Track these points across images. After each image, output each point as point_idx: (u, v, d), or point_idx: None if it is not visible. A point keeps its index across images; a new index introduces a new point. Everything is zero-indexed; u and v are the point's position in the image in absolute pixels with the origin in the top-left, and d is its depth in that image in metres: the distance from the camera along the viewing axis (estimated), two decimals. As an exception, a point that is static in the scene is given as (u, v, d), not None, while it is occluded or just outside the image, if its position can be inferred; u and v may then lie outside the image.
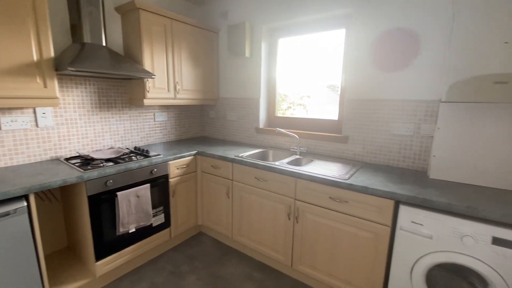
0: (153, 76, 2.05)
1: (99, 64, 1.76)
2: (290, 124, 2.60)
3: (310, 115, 2.58)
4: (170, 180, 2.16)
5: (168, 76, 2.36)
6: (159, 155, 2.11)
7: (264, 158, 2.43)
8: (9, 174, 1.58)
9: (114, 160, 1.91)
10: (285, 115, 2.74)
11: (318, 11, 2.15)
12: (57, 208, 2.03)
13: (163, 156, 2.11)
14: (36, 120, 1.86)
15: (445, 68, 1.44)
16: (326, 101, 2.46)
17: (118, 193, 1.77)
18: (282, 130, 2.31)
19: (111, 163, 1.85)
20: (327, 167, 1.97)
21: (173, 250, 2.31)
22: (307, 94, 2.63)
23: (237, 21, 2.65)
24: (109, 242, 1.80)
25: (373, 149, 2.03)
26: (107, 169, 1.74)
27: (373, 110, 1.99)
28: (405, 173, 1.76)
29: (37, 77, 1.58)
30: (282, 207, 1.90)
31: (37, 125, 1.87)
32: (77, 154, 2.05)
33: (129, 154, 2.10)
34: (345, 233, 1.63)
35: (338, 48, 2.22)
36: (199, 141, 2.86)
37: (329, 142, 2.24)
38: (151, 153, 2.14)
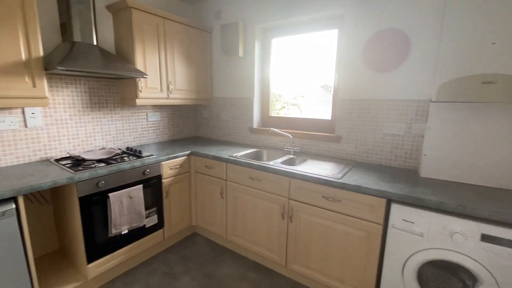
0: (146, 76, 2.03)
1: (90, 64, 1.73)
2: (284, 124, 2.61)
3: (304, 115, 2.59)
4: (163, 181, 2.14)
5: (161, 76, 2.34)
6: (152, 156, 2.10)
7: (258, 158, 2.44)
8: (-3, 176, 1.54)
9: (106, 161, 1.89)
10: (279, 115, 2.75)
11: (311, 12, 2.16)
12: (48, 210, 1.99)
13: (156, 157, 2.09)
14: (25, 121, 1.83)
15: (435, 69, 1.47)
16: (320, 101, 2.47)
17: (110, 194, 1.75)
18: (276, 130, 2.31)
19: (103, 164, 1.82)
20: (321, 167, 1.98)
21: (167, 251, 2.29)
22: (301, 94, 2.65)
23: (230, 21, 2.64)
24: (101, 244, 1.78)
25: (366, 149, 2.05)
26: (99, 170, 1.71)
27: (366, 110, 2.01)
28: (397, 172, 1.79)
29: (26, 77, 1.55)
30: (276, 207, 1.90)
31: (26, 126, 1.83)
32: (68, 155, 2.01)
33: (121, 155, 2.08)
34: (338, 232, 1.64)
35: (331, 49, 2.24)
36: (193, 141, 2.85)
37: (323, 142, 2.26)
38: (144, 154, 2.12)
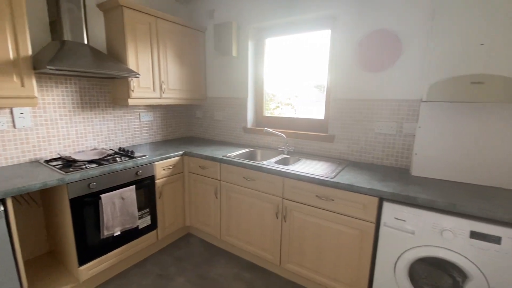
0: (138, 75, 2.01)
1: (80, 63, 1.70)
2: (278, 124, 2.61)
3: (298, 115, 2.60)
4: (157, 181, 2.12)
5: (154, 75, 2.31)
6: (145, 156, 2.08)
7: (252, 158, 2.44)
8: (-16, 178, 1.51)
9: (98, 162, 1.86)
10: (273, 115, 2.75)
11: (304, 12, 2.17)
12: (38, 212, 1.95)
13: (149, 157, 2.07)
14: (14, 121, 1.79)
15: (426, 69, 1.49)
16: (314, 101, 2.48)
17: (102, 196, 1.72)
18: (270, 130, 2.32)
19: (95, 165, 1.80)
20: (314, 166, 1.99)
21: (161, 252, 2.27)
22: (295, 94, 2.66)
23: (224, 20, 2.63)
24: (93, 246, 1.76)
25: (358, 148, 2.07)
26: (90, 171, 1.69)
27: (358, 110, 2.03)
28: (389, 171, 1.81)
29: (14, 76, 1.52)
30: (270, 206, 1.90)
31: (15, 126, 1.79)
32: (58, 156, 1.98)
33: (113, 155, 2.05)
34: (332, 231, 1.66)
35: (325, 49, 2.25)
36: (186, 141, 2.83)
37: (316, 141, 2.27)
38: (137, 154, 2.10)
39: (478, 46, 1.33)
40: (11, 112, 1.77)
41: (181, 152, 2.31)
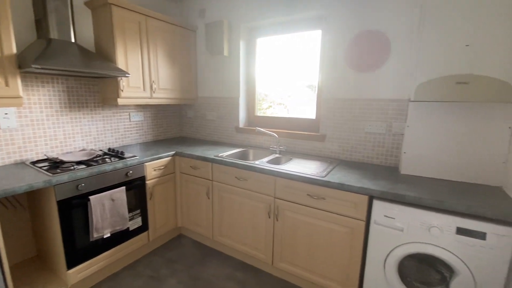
0: (127, 75, 1.98)
1: (67, 62, 1.66)
2: (270, 123, 2.62)
3: (290, 114, 2.61)
4: (147, 182, 2.10)
5: (144, 75, 2.28)
6: (135, 157, 2.05)
7: (244, 158, 2.44)
8: (-33, 180, 1.46)
9: (86, 163, 1.82)
10: (266, 114, 2.75)
11: (294, 12, 2.18)
12: (24, 215, 1.90)
13: (139, 158, 2.04)
14: (-3, 122, 1.74)
15: (413, 69, 1.52)
16: (306, 101, 2.50)
17: (91, 197, 1.69)
18: (262, 130, 2.32)
19: (83, 166, 1.76)
20: (306, 165, 2.01)
21: (152, 254, 2.25)
22: (287, 94, 2.66)
23: (215, 19, 2.62)
24: (82, 249, 1.72)
25: (349, 147, 2.09)
26: (78, 172, 1.65)
27: (348, 109, 2.06)
28: (379, 170, 1.84)
29: (-3, 75, 1.47)
30: (262, 206, 1.91)
31: (-1, 127, 1.74)
32: (45, 157, 1.93)
33: (103, 156, 2.01)
34: (323, 229, 1.67)
35: (316, 49, 2.26)
36: (178, 142, 2.80)
37: (307, 141, 2.29)
38: (126, 155, 2.07)
39: (464, 47, 1.36)
40: (-5, 113, 1.72)
41: (172, 152, 2.29)
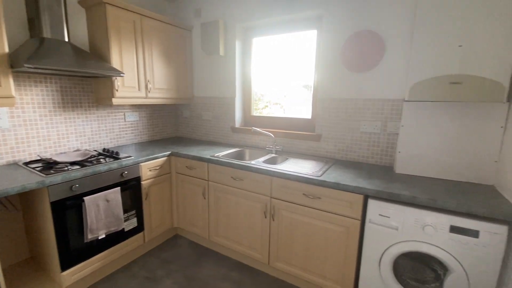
0: (122, 74, 1.97)
1: (61, 61, 1.64)
2: (266, 123, 2.62)
3: (286, 114, 2.62)
4: (143, 183, 2.08)
5: (139, 75, 2.27)
6: (130, 157, 2.03)
7: (241, 158, 2.43)
8: (-43, 182, 1.43)
9: (80, 163, 1.81)
10: (262, 114, 2.75)
11: (290, 12, 2.18)
12: (17, 217, 1.87)
13: (135, 158, 2.03)
14: (-11, 122, 1.71)
15: (408, 69, 1.53)
16: (303, 101, 2.50)
17: (85, 198, 1.67)
18: (258, 129, 2.32)
19: (77, 166, 1.75)
20: (301, 165, 2.01)
21: (148, 255, 2.23)
22: (284, 93, 2.67)
23: (211, 19, 2.61)
24: (77, 250, 1.70)
25: (344, 147, 2.11)
26: (72, 173, 1.63)
27: (344, 109, 2.07)
28: (374, 169, 1.85)
29: (-11, 75, 1.45)
30: (259, 206, 1.91)
31: (-10, 127, 1.72)
32: (38, 158, 1.91)
33: (97, 157, 1.99)
34: (319, 228, 1.68)
35: (312, 49, 2.27)
36: (173, 142, 2.79)
37: (303, 140, 2.30)
38: (121, 155, 2.05)
39: (457, 48, 1.38)
40: (-13, 113, 1.69)
41: (168, 153, 2.27)
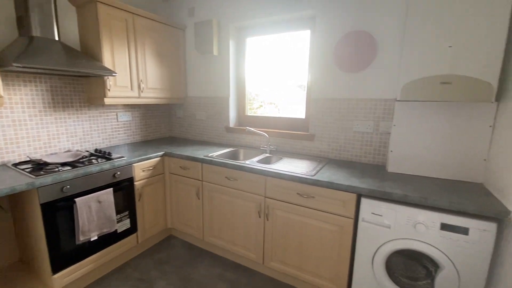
0: (114, 74, 1.94)
1: (50, 60, 1.61)
2: (260, 123, 2.62)
3: (280, 114, 2.62)
4: (136, 183, 2.06)
5: (131, 74, 2.24)
6: (123, 157, 2.01)
7: (235, 157, 2.43)
8: None
9: (72, 164, 1.78)
10: (256, 114, 2.75)
11: (283, 12, 2.19)
12: (6, 219, 1.83)
13: (127, 158, 2.01)
14: (-24, 122, 1.67)
15: (399, 69, 1.55)
16: (297, 100, 2.51)
17: (77, 199, 1.65)
18: (252, 129, 2.32)
19: (68, 167, 1.72)
20: (295, 164, 2.02)
21: (141, 256, 2.21)
22: (278, 93, 2.67)
23: (204, 18, 2.60)
24: (68, 253, 1.68)
25: (338, 146, 2.12)
26: (63, 174, 1.61)
27: (337, 109, 2.08)
28: (367, 168, 1.87)
29: (-25, 74, 1.42)
30: (253, 206, 1.91)
31: (-22, 128, 1.68)
32: (28, 159, 1.87)
33: (89, 157, 1.97)
34: (312, 227, 1.69)
35: (306, 49, 2.28)
36: (167, 142, 2.77)
37: (297, 140, 2.31)
38: (114, 155, 2.03)
39: (447, 48, 1.40)
40: (-26, 113, 1.65)
41: (161, 153, 2.26)
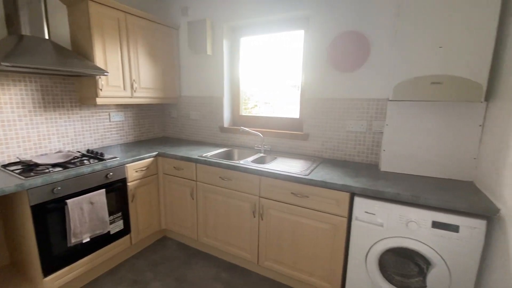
0: (106, 73, 1.92)
1: (40, 59, 1.59)
2: (255, 123, 2.62)
3: (274, 114, 2.62)
4: (129, 184, 2.04)
5: (124, 74, 2.22)
6: (115, 158, 1.98)
7: (229, 157, 2.42)
8: None
9: (63, 165, 1.75)
10: (251, 114, 2.75)
11: (277, 12, 2.19)
12: (-6, 222, 1.80)
13: (120, 159, 1.98)
14: (-37, 123, 1.63)
15: (392, 69, 1.57)
16: (292, 100, 2.51)
17: (68, 201, 1.62)
18: (246, 129, 2.32)
19: (59, 168, 1.69)
20: (290, 164, 2.03)
21: (135, 257, 2.19)
22: (273, 93, 2.67)
23: (198, 18, 2.58)
24: (60, 255, 1.65)
25: (331, 146, 2.13)
26: (54, 175, 1.58)
27: (330, 109, 2.10)
28: (360, 167, 1.89)
29: (-38, 73, 1.38)
30: (247, 205, 1.91)
31: (-35, 128, 1.64)
32: (18, 160, 1.83)
33: (81, 158, 1.94)
34: (307, 227, 1.70)
35: (300, 49, 2.28)
36: (160, 142, 2.75)
37: (291, 140, 2.31)
38: (106, 156, 2.00)
39: (437, 49, 1.42)
40: (-40, 113, 1.61)
41: (155, 153, 2.24)
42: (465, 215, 1.27)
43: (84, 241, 1.73)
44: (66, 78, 2.11)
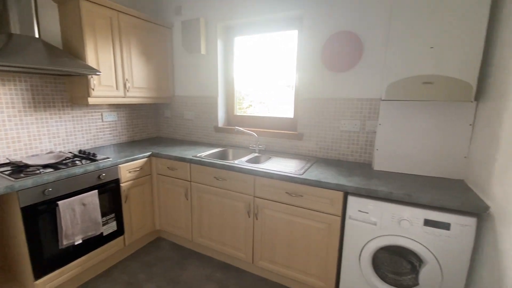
0: (98, 73, 1.89)
1: (30, 58, 1.56)
2: (249, 123, 2.62)
3: (269, 114, 2.62)
4: (122, 185, 2.02)
5: (116, 73, 2.19)
6: (108, 159, 1.96)
7: (224, 157, 2.42)
8: None
9: (54, 166, 1.72)
10: (246, 114, 2.75)
11: (271, 11, 2.19)
12: (-17, 224, 1.76)
13: (113, 159, 1.96)
14: (-50, 123, 1.59)
15: (384, 69, 1.59)
16: (287, 100, 2.51)
17: (59, 202, 1.60)
18: (241, 129, 2.32)
19: (50, 169, 1.66)
20: (284, 164, 2.03)
21: (129, 259, 2.17)
22: (267, 93, 2.67)
23: (191, 17, 2.57)
24: (51, 257, 1.62)
25: (325, 145, 2.15)
26: (45, 176, 1.55)
27: (324, 108, 2.11)
28: (353, 166, 1.91)
29: None
30: (242, 205, 1.91)
31: (-48, 129, 1.60)
32: (7, 161, 1.79)
33: (73, 159, 1.91)
34: (301, 226, 1.70)
35: (294, 49, 2.29)
36: (154, 142, 2.72)
37: (286, 139, 2.32)
38: (99, 157, 1.98)
39: (429, 49, 1.44)
40: None
41: (148, 153, 2.22)
42: (456, 213, 1.29)
43: (76, 243, 1.71)
44: (57, 78, 2.08)
